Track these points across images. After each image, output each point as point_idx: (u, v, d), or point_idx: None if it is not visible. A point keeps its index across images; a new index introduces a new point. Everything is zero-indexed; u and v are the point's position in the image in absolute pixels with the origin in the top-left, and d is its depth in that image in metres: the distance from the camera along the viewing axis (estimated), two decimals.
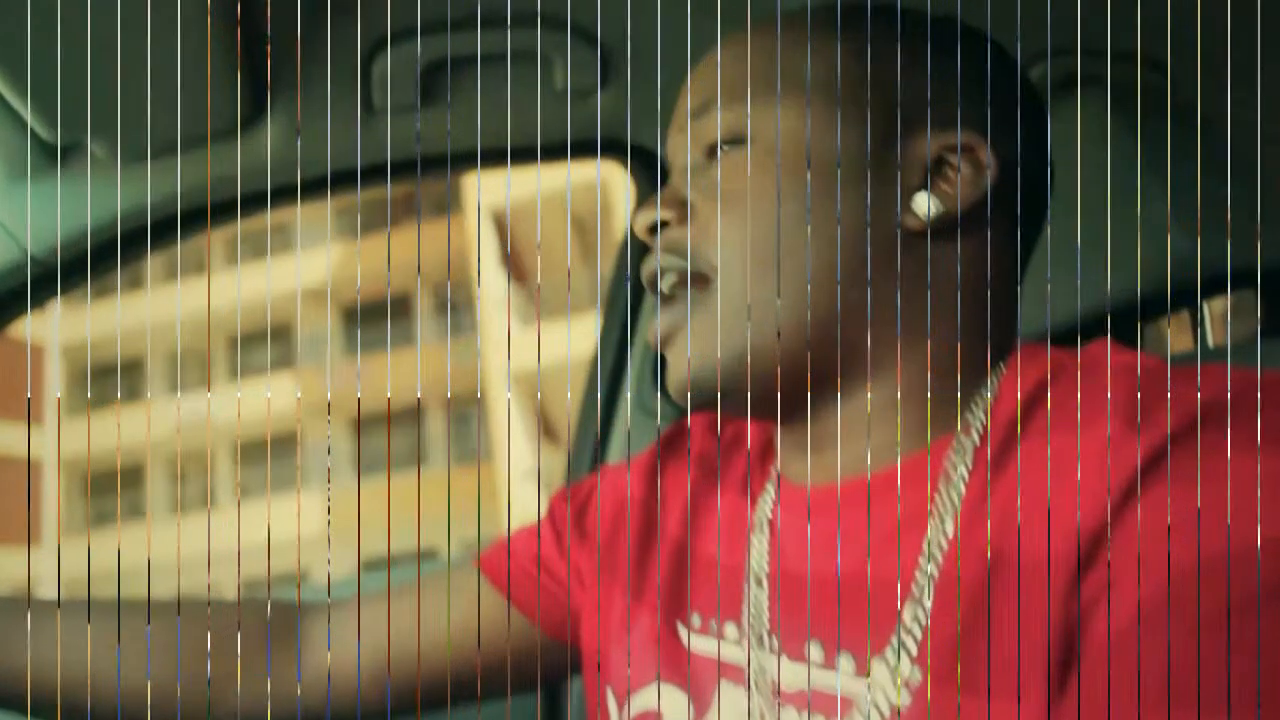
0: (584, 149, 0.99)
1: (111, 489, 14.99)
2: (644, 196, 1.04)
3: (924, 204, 0.47)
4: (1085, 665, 0.37)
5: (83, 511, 14.95)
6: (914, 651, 0.41)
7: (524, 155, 0.98)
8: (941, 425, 0.47)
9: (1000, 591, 0.40)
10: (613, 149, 1.00)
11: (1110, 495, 0.37)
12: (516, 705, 1.00)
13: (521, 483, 12.06)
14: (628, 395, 1.10)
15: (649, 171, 1.02)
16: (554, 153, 0.99)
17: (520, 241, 13.22)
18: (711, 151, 0.50)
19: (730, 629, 0.51)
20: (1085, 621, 0.37)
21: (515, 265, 13.18)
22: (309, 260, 14.47)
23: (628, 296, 1.10)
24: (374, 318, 14.65)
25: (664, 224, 0.51)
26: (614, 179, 9.96)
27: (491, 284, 12.63)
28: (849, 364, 0.48)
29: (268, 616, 0.66)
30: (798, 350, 0.47)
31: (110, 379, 15.35)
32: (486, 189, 12.31)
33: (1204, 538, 0.35)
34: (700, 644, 0.52)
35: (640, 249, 1.02)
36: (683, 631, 0.53)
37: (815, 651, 0.46)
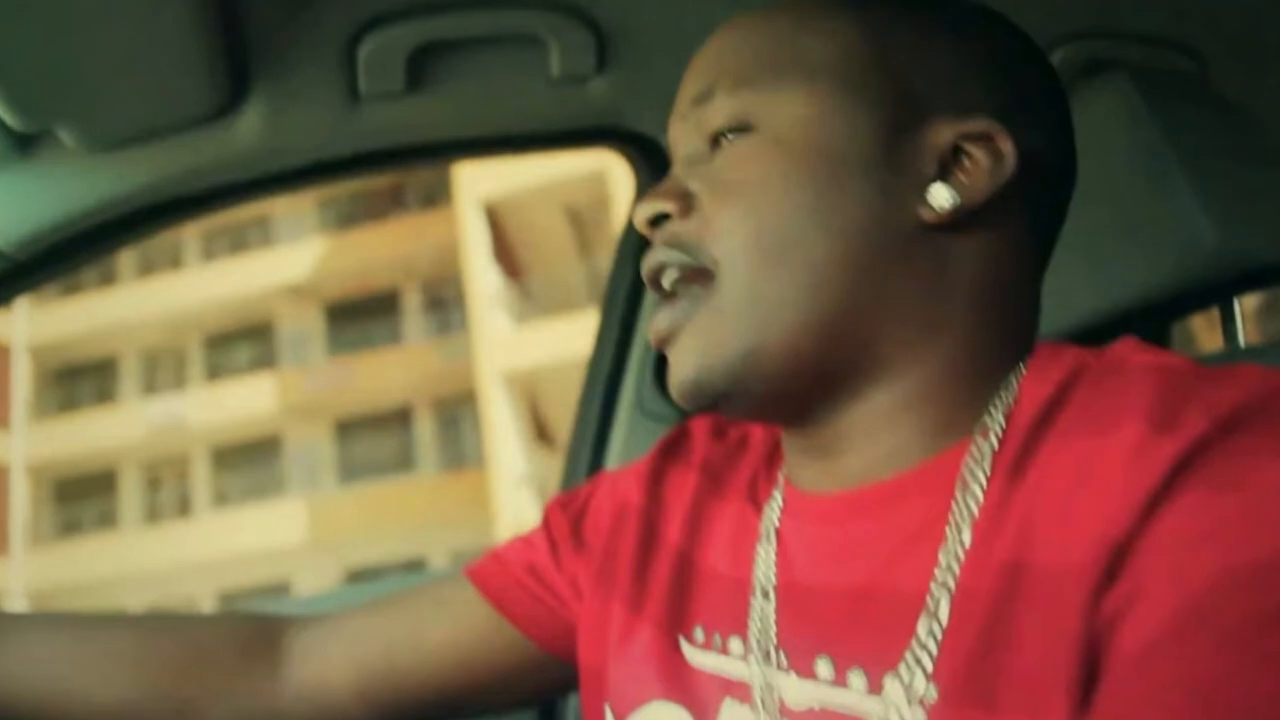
0: (581, 137, 0.99)
1: (82, 495, 14.98)
2: (646, 187, 1.04)
3: (940, 195, 0.47)
4: (1109, 681, 0.37)
5: (51, 519, 14.94)
6: (929, 668, 0.41)
7: (517, 144, 0.98)
8: (958, 429, 0.47)
9: (1020, 604, 0.40)
10: (612, 137, 1.00)
11: (1136, 502, 0.37)
12: None
13: (515, 489, 12.07)
14: (627, 397, 1.10)
15: (651, 161, 1.01)
16: (549, 141, 0.99)
17: (513, 235, 13.22)
18: (715, 140, 0.50)
19: (735, 644, 0.51)
20: (1109, 635, 0.37)
21: (508, 260, 13.18)
22: (290, 255, 14.47)
23: (628, 293, 1.10)
24: (359, 315, 14.64)
25: (665, 217, 0.51)
26: (614, 169, 9.95)
27: (483, 279, 12.63)
28: (860, 364, 0.48)
29: (248, 630, 0.66)
30: (806, 350, 0.47)
31: (80, 380, 15.35)
32: (478, 179, 12.30)
33: (1236, 547, 0.35)
34: (703, 659, 0.52)
35: (641, 243, 1.02)
36: (685, 646, 0.53)
37: (824, 668, 0.46)
